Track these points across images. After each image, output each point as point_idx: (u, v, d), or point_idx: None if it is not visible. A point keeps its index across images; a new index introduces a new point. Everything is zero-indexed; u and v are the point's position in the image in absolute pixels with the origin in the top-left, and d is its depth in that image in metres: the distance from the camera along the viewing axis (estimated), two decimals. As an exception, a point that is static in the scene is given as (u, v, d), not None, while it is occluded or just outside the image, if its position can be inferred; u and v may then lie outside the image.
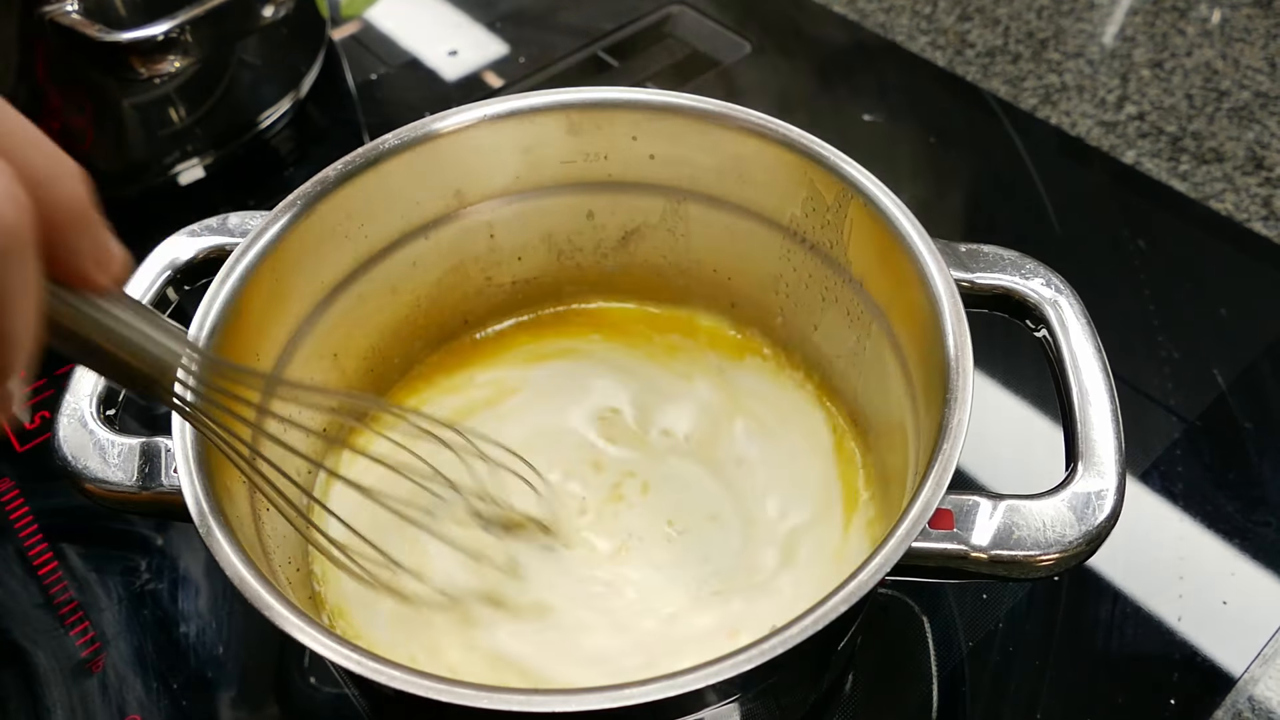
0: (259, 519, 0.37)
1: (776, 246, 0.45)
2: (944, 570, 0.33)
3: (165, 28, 0.53)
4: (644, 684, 0.27)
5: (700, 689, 0.27)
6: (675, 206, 0.47)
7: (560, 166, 0.46)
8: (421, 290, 0.47)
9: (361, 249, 0.44)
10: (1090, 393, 0.35)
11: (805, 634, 0.28)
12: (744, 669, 0.27)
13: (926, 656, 0.44)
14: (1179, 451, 0.50)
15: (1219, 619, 0.45)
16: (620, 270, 0.50)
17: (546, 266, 0.50)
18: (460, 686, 0.28)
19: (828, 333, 0.46)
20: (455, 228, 0.46)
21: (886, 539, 0.30)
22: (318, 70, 0.70)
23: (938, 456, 0.32)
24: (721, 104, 0.43)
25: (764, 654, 0.28)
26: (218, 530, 0.31)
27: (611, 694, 0.27)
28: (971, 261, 0.39)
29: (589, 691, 0.27)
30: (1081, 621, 0.45)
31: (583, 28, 0.76)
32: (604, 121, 0.44)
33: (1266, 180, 0.64)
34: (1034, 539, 0.32)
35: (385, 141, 0.42)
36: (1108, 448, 0.34)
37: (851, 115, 0.68)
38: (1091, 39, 0.75)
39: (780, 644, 0.28)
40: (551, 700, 0.27)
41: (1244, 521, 0.48)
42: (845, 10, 0.78)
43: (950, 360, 0.34)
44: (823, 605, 0.29)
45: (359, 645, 0.29)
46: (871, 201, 0.39)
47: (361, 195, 0.42)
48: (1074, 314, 0.38)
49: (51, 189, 0.22)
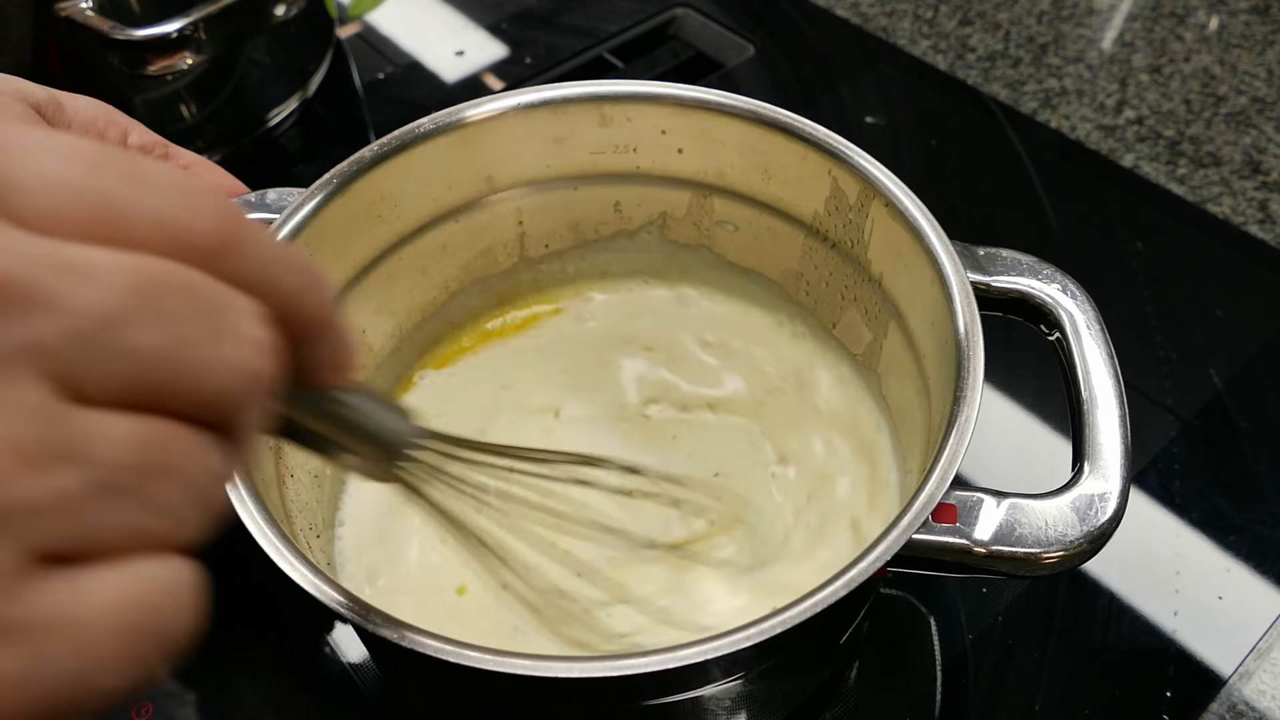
0: (283, 484, 0.38)
1: (799, 244, 0.46)
2: (944, 564, 0.33)
3: (179, 25, 0.53)
4: (644, 655, 0.28)
5: (700, 663, 0.28)
6: (701, 201, 0.47)
7: (590, 157, 0.46)
8: (450, 273, 0.48)
9: (394, 229, 0.45)
10: (1100, 398, 0.36)
11: (804, 616, 0.29)
12: (741, 646, 0.28)
13: (930, 648, 0.45)
14: (1176, 450, 0.51)
15: (1214, 614, 0.45)
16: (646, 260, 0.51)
17: (572, 254, 0.51)
18: (448, 644, 0.29)
19: (845, 330, 0.47)
20: (485, 213, 0.47)
21: (889, 530, 0.31)
22: (325, 69, 0.71)
23: (943, 452, 0.32)
24: (751, 101, 0.43)
25: (762, 633, 0.28)
26: (249, 498, 0.32)
27: (612, 663, 0.28)
28: (989, 264, 0.40)
29: (591, 660, 0.28)
30: (1079, 616, 0.46)
31: (588, 29, 0.76)
32: (635, 114, 0.45)
33: (1263, 184, 0.65)
34: (1035, 537, 0.33)
35: (421, 125, 0.43)
36: (1114, 452, 0.34)
37: (854, 118, 0.68)
38: (1091, 44, 0.76)
39: (780, 624, 0.29)
40: (555, 666, 0.28)
41: (1239, 519, 0.48)
42: (848, 14, 0.79)
43: (962, 360, 0.35)
44: (823, 590, 0.29)
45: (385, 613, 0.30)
46: (893, 202, 0.40)
47: (395, 176, 0.43)
48: (1088, 320, 0.38)
49: (299, 307, 0.21)
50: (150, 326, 0.18)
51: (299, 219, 0.40)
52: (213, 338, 0.19)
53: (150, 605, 0.18)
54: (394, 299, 0.46)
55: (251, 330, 0.19)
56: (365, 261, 0.44)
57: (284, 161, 0.68)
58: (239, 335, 0.19)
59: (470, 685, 0.36)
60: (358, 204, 0.42)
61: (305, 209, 0.40)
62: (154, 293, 0.18)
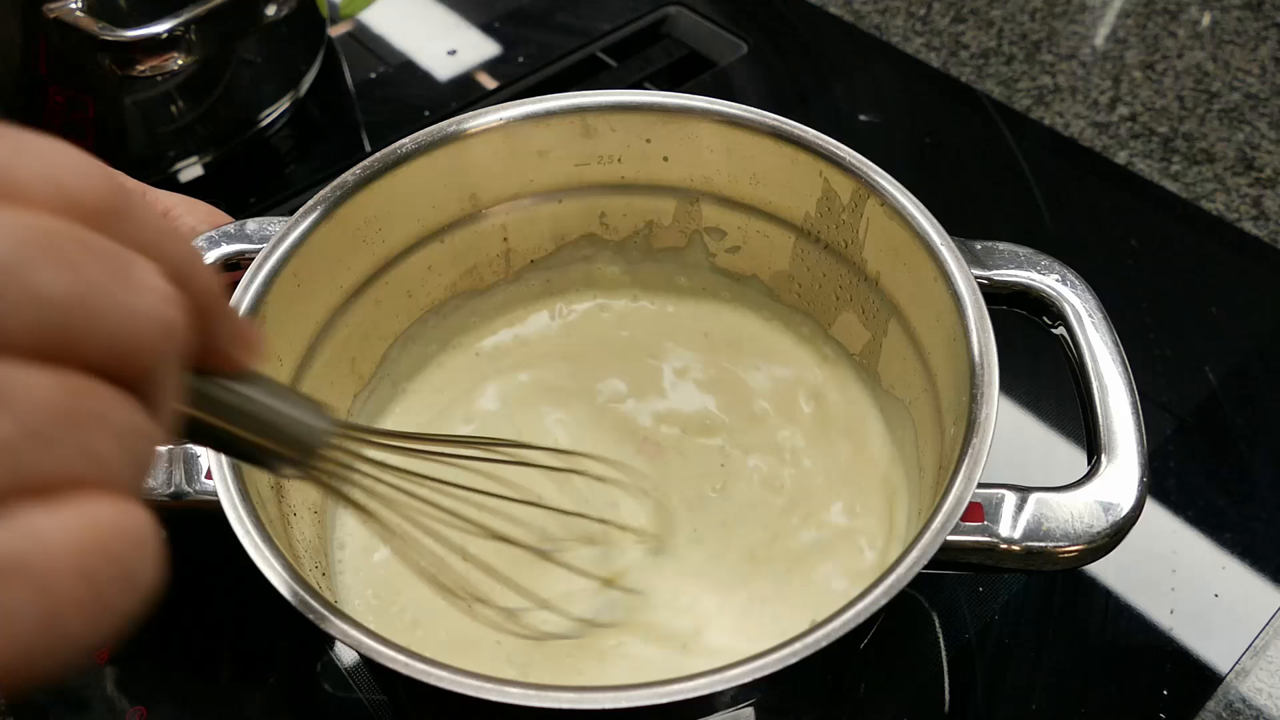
0: (289, 524, 0.37)
1: (790, 247, 0.46)
2: (973, 564, 0.33)
3: (169, 26, 0.53)
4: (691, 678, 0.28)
5: (749, 682, 0.28)
6: (688, 208, 0.47)
7: (574, 169, 0.46)
8: (436, 294, 0.48)
9: (379, 253, 0.44)
10: (1110, 387, 0.36)
11: (846, 628, 0.28)
12: (790, 663, 0.28)
13: (935, 644, 0.44)
14: (1171, 448, 0.51)
15: (1211, 612, 0.45)
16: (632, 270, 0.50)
17: (558, 268, 0.50)
18: (457, 674, 0.28)
19: (842, 331, 0.46)
20: (470, 231, 0.47)
21: (921, 533, 0.30)
22: (317, 69, 0.71)
23: (968, 450, 0.32)
24: (737, 106, 0.43)
25: (808, 647, 0.28)
26: (259, 539, 0.31)
27: (639, 693, 0.28)
28: (988, 258, 0.39)
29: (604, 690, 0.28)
30: (1075, 614, 0.45)
31: (580, 28, 0.76)
32: (618, 124, 0.44)
33: (1256, 180, 0.65)
34: (1063, 530, 0.32)
35: (403, 145, 0.42)
36: (1129, 441, 0.34)
37: (847, 116, 0.68)
38: (1084, 41, 0.76)
39: (824, 637, 0.28)
40: (563, 697, 0.28)
41: (1235, 516, 0.48)
42: (841, 11, 0.79)
43: (975, 356, 0.35)
44: (862, 600, 0.29)
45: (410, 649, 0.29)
46: (889, 200, 0.40)
47: (380, 199, 0.42)
48: (1090, 309, 0.38)
49: (193, 276, 0.21)
50: (56, 272, 0.18)
51: (285, 248, 0.39)
52: (122, 286, 0.19)
53: (106, 547, 0.18)
54: (381, 323, 0.46)
55: (157, 282, 0.20)
56: (352, 288, 0.44)
57: (276, 162, 0.68)
58: (146, 286, 0.19)
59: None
60: (343, 230, 0.42)
61: (291, 237, 0.39)
62: (56, 242, 0.18)
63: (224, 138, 0.66)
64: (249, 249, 0.41)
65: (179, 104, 0.62)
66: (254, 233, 0.42)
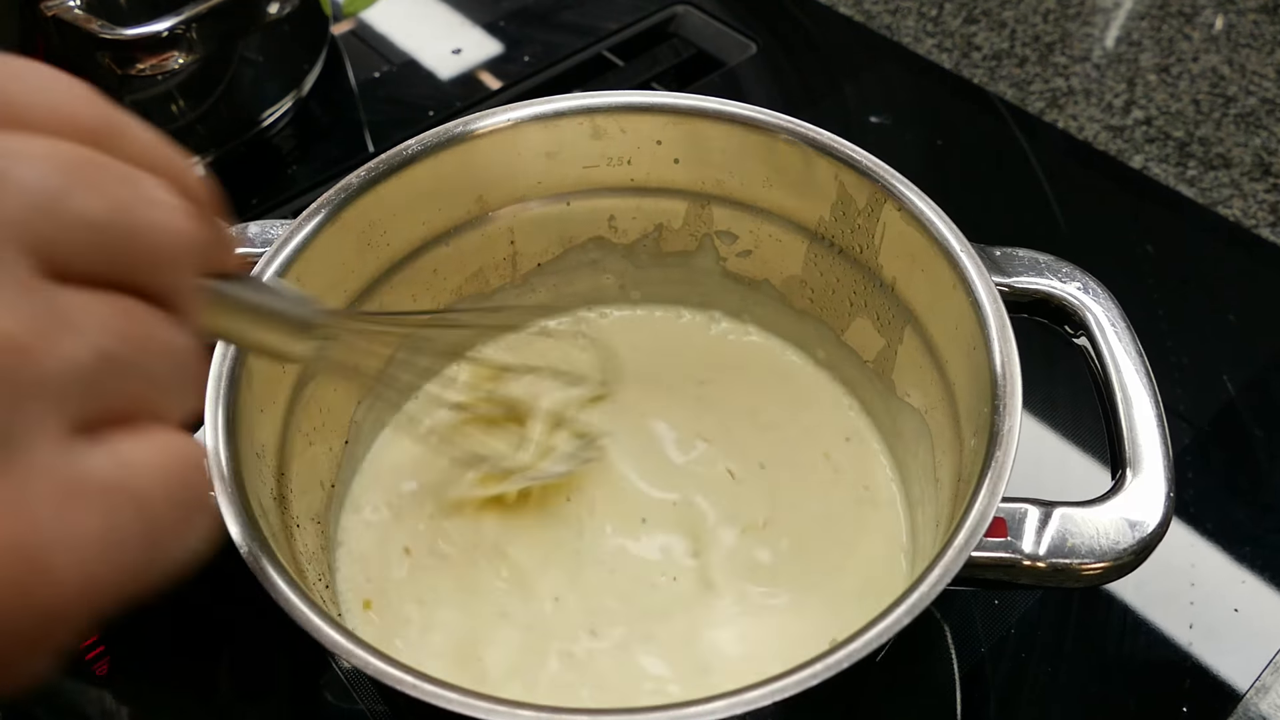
0: (291, 535, 0.36)
1: (802, 251, 0.45)
2: (995, 581, 0.32)
3: (169, 24, 0.52)
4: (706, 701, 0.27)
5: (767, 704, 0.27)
6: (699, 211, 0.46)
7: (583, 171, 0.45)
8: (441, 298, 0.47)
9: (384, 257, 0.43)
10: (1134, 400, 0.35)
11: (869, 648, 0.28)
12: (810, 685, 0.27)
13: (948, 659, 0.44)
14: (1189, 458, 0.50)
15: (1230, 626, 0.45)
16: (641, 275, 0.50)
17: (565, 272, 0.49)
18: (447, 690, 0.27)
19: (855, 337, 0.45)
20: (476, 234, 0.46)
21: (944, 549, 0.30)
22: (320, 68, 0.70)
23: (990, 464, 0.31)
24: (750, 108, 0.42)
25: (829, 669, 0.27)
26: (266, 562, 0.31)
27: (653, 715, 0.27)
28: (1007, 265, 0.39)
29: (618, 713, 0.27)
30: (1092, 629, 0.45)
31: (586, 27, 0.75)
32: (628, 125, 0.43)
33: (1274, 186, 0.64)
34: (1088, 547, 0.32)
35: (409, 147, 0.41)
36: (1155, 455, 0.33)
37: (857, 117, 0.67)
38: (1097, 43, 0.75)
39: (845, 658, 0.28)
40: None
41: (1255, 529, 0.47)
42: (851, 11, 0.78)
43: (996, 366, 0.34)
44: (885, 618, 0.28)
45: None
46: (907, 205, 0.39)
47: (385, 202, 0.42)
48: (1113, 318, 0.37)
49: (187, 187, 0.22)
50: (91, 195, 0.19)
51: (288, 252, 0.38)
52: (146, 204, 0.20)
53: (182, 473, 0.19)
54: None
55: (168, 196, 0.20)
56: (356, 292, 0.43)
57: (278, 162, 0.67)
58: (161, 201, 0.20)
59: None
60: (347, 233, 0.41)
61: (295, 241, 0.39)
62: (81, 166, 0.19)
63: (225, 138, 0.65)
64: (251, 253, 0.40)
65: (179, 103, 0.61)
66: (256, 236, 0.41)
